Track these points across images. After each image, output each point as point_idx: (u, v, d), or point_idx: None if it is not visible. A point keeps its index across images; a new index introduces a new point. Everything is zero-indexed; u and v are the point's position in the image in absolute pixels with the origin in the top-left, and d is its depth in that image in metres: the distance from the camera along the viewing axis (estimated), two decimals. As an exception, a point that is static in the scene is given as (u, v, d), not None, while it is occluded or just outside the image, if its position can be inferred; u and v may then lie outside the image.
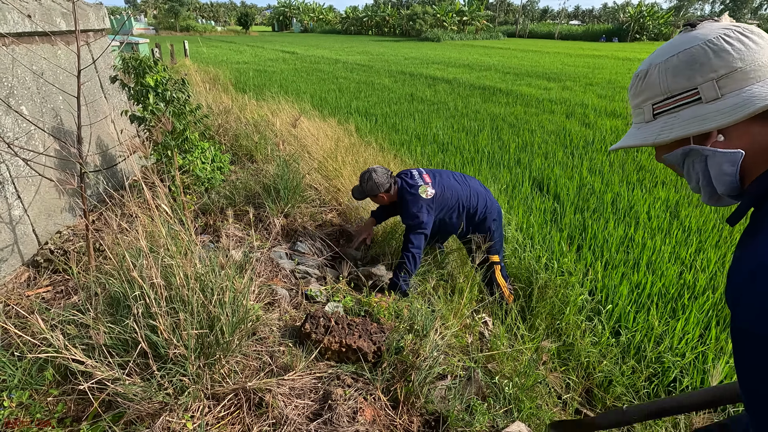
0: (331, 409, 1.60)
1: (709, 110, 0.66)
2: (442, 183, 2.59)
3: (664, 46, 0.72)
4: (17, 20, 2.40)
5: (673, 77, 0.69)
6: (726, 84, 0.64)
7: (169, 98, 2.79)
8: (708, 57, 0.65)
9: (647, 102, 0.73)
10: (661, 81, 0.70)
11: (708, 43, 0.66)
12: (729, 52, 0.64)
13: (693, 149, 0.69)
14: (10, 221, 2.31)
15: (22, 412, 1.49)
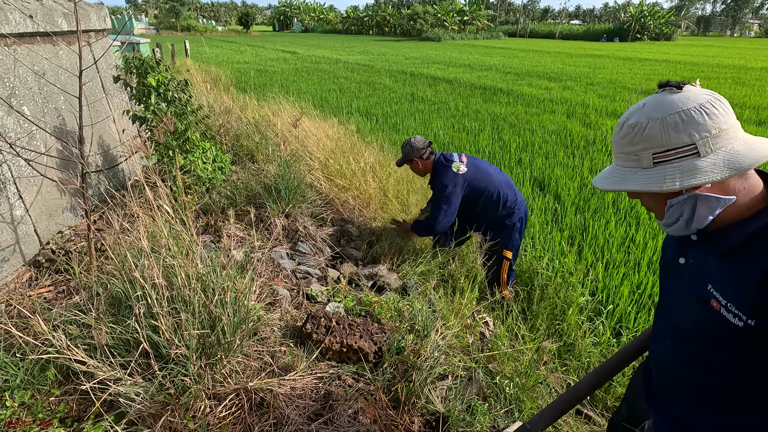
0: (332, 409, 1.61)
1: (706, 164, 0.78)
2: (476, 165, 2.68)
3: (657, 103, 0.82)
4: (19, 20, 2.40)
5: (675, 133, 0.79)
6: (717, 142, 0.78)
7: (171, 98, 2.79)
8: (704, 119, 0.78)
9: (647, 151, 0.83)
10: (663, 135, 0.80)
11: (702, 107, 0.78)
12: (717, 116, 0.78)
13: (702, 195, 0.81)
14: (12, 221, 2.31)
15: (24, 412, 1.49)
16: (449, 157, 2.69)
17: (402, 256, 2.96)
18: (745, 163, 0.77)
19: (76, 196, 2.81)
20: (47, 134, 2.55)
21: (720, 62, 17.29)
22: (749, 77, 12.58)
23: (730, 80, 11.90)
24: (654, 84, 11.13)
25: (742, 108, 8.12)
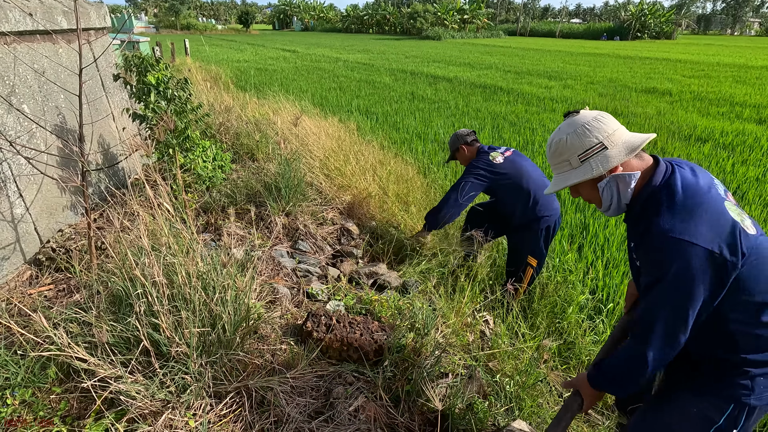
0: (333, 407, 1.61)
1: (613, 152, 1.16)
2: (514, 160, 2.65)
3: (568, 125, 1.21)
4: (19, 18, 2.40)
5: (587, 138, 1.17)
6: (614, 138, 1.16)
7: (171, 96, 2.79)
8: (600, 125, 1.17)
9: (573, 155, 1.20)
10: (579, 141, 1.18)
11: (596, 119, 1.18)
12: (608, 123, 1.18)
13: (619, 175, 1.18)
14: (12, 220, 2.31)
15: (25, 410, 1.49)
16: (493, 147, 2.70)
17: (402, 255, 2.96)
18: (636, 144, 1.15)
19: (77, 195, 2.81)
20: (47, 132, 2.55)
21: (720, 61, 17.27)
22: (749, 76, 12.56)
23: (731, 79, 11.88)
24: (654, 83, 11.12)
25: (743, 107, 8.11)
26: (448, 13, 45.15)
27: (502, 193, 2.65)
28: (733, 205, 1.11)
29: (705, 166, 4.93)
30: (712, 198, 1.09)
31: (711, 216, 1.05)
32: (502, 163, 2.60)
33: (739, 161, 5.10)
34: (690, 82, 11.13)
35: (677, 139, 6.10)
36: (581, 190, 1.25)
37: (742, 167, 4.85)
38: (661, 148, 5.65)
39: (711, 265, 1.03)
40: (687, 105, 8.42)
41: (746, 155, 5.32)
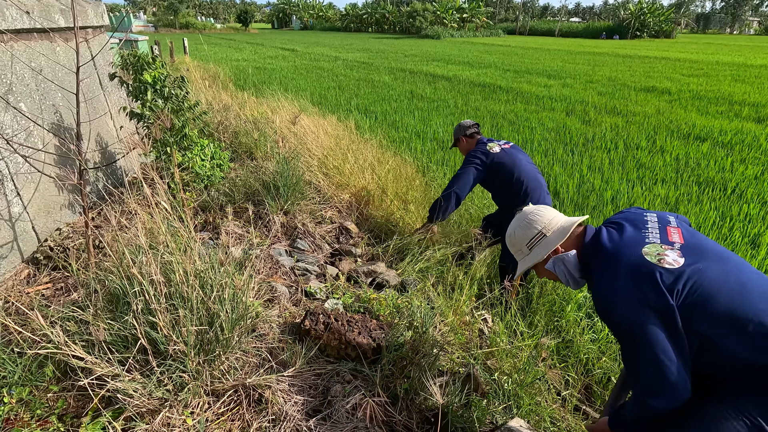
0: (331, 405, 1.61)
1: (550, 239, 1.36)
2: (510, 152, 2.71)
3: (515, 221, 1.46)
4: (15, 16, 2.39)
5: (529, 230, 1.40)
6: (549, 226, 1.36)
7: (168, 95, 2.78)
8: (537, 218, 1.39)
9: (522, 245, 1.42)
10: (524, 234, 1.41)
11: (533, 213, 1.41)
12: (544, 214, 1.40)
13: (558, 256, 1.36)
14: (10, 218, 2.31)
15: (23, 408, 1.49)
16: (492, 140, 2.78)
17: (402, 252, 2.96)
18: (567, 228, 1.35)
19: (74, 193, 2.81)
20: (45, 131, 2.54)
21: (719, 60, 17.27)
22: (748, 75, 12.57)
23: (730, 77, 11.89)
24: (653, 81, 11.11)
25: (741, 105, 8.11)
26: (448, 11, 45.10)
27: (498, 183, 2.70)
28: (657, 245, 1.17)
29: (704, 164, 4.93)
30: (632, 250, 1.18)
31: (632, 270, 1.14)
32: (498, 153, 2.67)
33: (738, 160, 5.10)
34: (689, 81, 11.13)
35: (676, 137, 6.10)
36: (542, 273, 1.44)
37: (741, 166, 4.86)
38: (661, 147, 5.66)
39: (649, 311, 1.09)
40: (686, 104, 8.42)
41: (745, 154, 5.32)
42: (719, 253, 1.15)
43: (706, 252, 1.15)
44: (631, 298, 1.11)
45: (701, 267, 1.10)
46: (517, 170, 2.63)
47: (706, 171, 4.74)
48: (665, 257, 1.13)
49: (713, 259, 1.12)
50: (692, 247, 1.16)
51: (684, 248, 1.15)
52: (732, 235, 3.37)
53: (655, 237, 1.20)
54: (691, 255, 1.13)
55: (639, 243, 1.19)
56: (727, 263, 1.12)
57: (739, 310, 1.05)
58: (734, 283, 1.08)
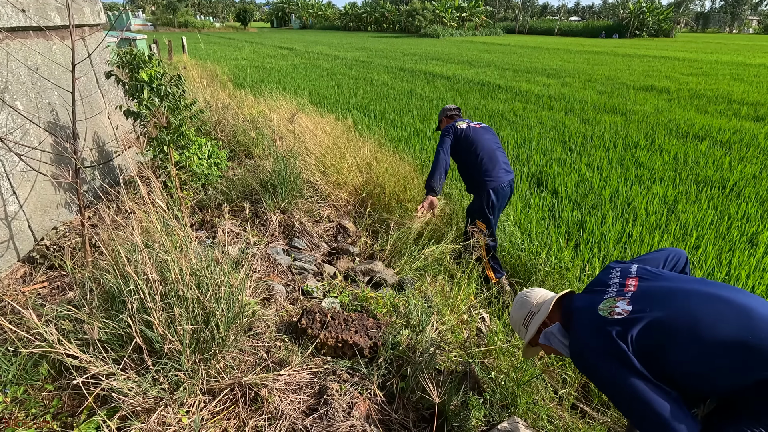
0: (327, 404, 1.60)
1: (539, 316, 1.49)
2: (476, 130, 3.04)
3: (513, 303, 1.63)
4: (11, 14, 2.38)
5: (521, 310, 1.56)
6: (539, 306, 1.51)
7: (164, 93, 2.77)
8: (527, 299, 1.56)
9: (520, 325, 1.56)
10: (519, 315, 1.56)
11: (523, 296, 1.59)
12: (532, 296, 1.56)
13: (545, 331, 1.43)
14: (6, 217, 2.30)
15: (17, 407, 1.49)
16: (465, 120, 3.15)
17: (400, 253, 2.96)
18: (548, 303, 1.48)
19: (71, 192, 2.80)
20: (41, 129, 2.53)
21: (718, 59, 17.27)
22: (747, 74, 12.57)
23: (729, 76, 11.89)
24: (652, 80, 11.11)
25: (740, 104, 8.11)
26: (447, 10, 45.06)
27: (461, 155, 3.00)
28: (611, 299, 1.28)
29: (702, 163, 4.93)
30: (590, 311, 1.29)
31: (590, 328, 1.26)
32: (464, 128, 3.02)
33: (737, 158, 5.10)
34: (688, 80, 11.13)
35: (675, 136, 6.10)
36: (547, 350, 1.50)
37: (740, 165, 4.86)
38: (659, 146, 5.65)
39: (613, 359, 1.16)
40: (685, 103, 8.42)
41: (743, 153, 5.32)
42: (667, 293, 1.22)
43: (654, 296, 1.22)
44: (596, 353, 1.21)
45: (648, 311, 1.18)
46: (478, 146, 2.91)
47: (705, 170, 4.74)
48: (615, 308, 1.24)
49: (660, 302, 1.20)
50: (642, 294, 1.25)
51: (634, 296, 1.25)
52: (730, 234, 3.37)
53: (612, 292, 1.32)
54: (640, 302, 1.22)
55: (597, 302, 1.31)
56: (673, 300, 1.18)
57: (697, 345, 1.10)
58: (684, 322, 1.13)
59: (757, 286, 2.74)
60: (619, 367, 1.15)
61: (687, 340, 1.10)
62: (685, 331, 1.11)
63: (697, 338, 1.09)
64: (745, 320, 1.07)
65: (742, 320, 1.08)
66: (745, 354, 1.05)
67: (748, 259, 3.01)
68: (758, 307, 1.10)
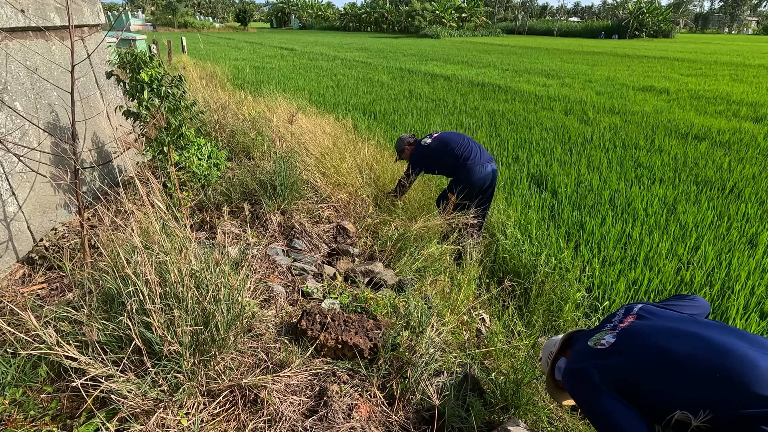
0: (327, 405, 1.60)
1: (555, 354, 1.58)
2: (441, 137, 3.35)
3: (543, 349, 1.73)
4: (10, 15, 2.37)
5: (545, 352, 1.66)
6: (555, 345, 1.62)
7: (164, 94, 2.76)
8: (550, 342, 1.66)
9: (546, 367, 1.63)
10: (545, 357, 1.65)
11: (550, 339, 1.66)
12: (554, 339, 1.65)
13: (558, 364, 1.52)
14: (5, 218, 2.29)
15: (16, 409, 1.48)
16: (422, 138, 3.44)
17: (399, 253, 2.95)
18: (557, 341, 1.61)
19: (70, 193, 2.79)
20: (40, 130, 2.52)
21: (718, 59, 17.29)
22: (747, 74, 12.58)
23: (728, 77, 11.90)
24: (652, 81, 11.12)
25: (740, 105, 8.12)
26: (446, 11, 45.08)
27: (441, 163, 3.30)
28: (603, 332, 1.39)
29: (702, 164, 4.94)
30: (584, 342, 1.41)
31: (579, 356, 1.39)
32: (430, 144, 3.32)
33: (736, 159, 5.11)
34: (687, 81, 11.14)
35: (674, 137, 6.11)
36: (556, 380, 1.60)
37: (739, 165, 4.86)
38: (659, 146, 5.66)
39: (586, 381, 1.29)
40: (684, 103, 8.42)
41: (743, 153, 5.32)
42: (651, 331, 1.29)
43: (639, 334, 1.31)
44: (576, 377, 1.35)
45: (626, 346, 1.29)
46: (449, 145, 3.24)
47: (704, 170, 4.74)
48: (601, 340, 1.36)
49: (639, 338, 1.29)
50: (631, 331, 1.34)
51: (622, 331, 1.35)
52: (730, 235, 3.37)
53: (609, 326, 1.41)
54: (625, 338, 1.32)
55: (592, 335, 1.42)
56: (651, 338, 1.27)
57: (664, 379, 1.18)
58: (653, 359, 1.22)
59: (756, 287, 2.74)
60: (590, 389, 1.28)
61: (654, 375, 1.21)
62: (652, 367, 1.21)
63: (662, 374, 1.19)
64: (716, 358, 1.12)
65: (713, 358, 1.13)
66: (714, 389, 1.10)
67: (747, 260, 3.01)
68: (739, 348, 1.13)
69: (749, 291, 2.70)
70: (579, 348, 1.44)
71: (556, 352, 1.58)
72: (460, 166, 3.20)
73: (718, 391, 1.08)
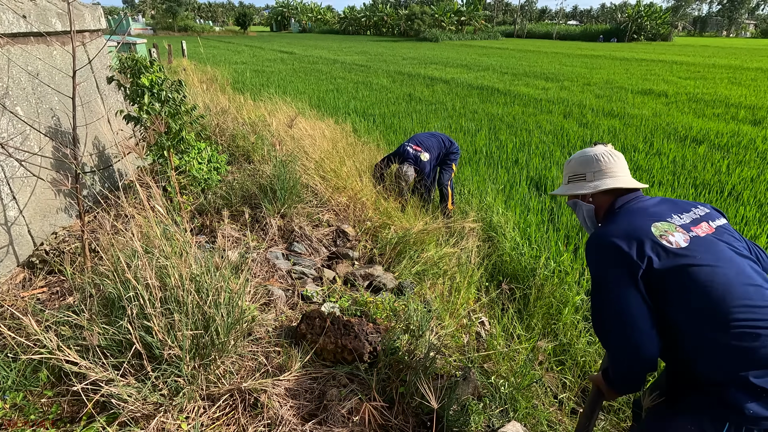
0: (327, 409, 1.60)
1: (587, 185, 1.42)
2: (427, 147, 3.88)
3: (580, 151, 1.48)
4: (12, 20, 2.39)
5: (578, 167, 1.46)
6: (598, 176, 1.40)
7: (165, 98, 2.78)
8: (592, 162, 1.42)
9: (568, 174, 1.50)
10: (575, 168, 1.47)
11: (595, 155, 1.42)
12: (600, 162, 1.41)
13: (576, 201, 1.48)
14: (6, 222, 2.30)
15: (17, 413, 1.48)
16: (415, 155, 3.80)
17: (399, 256, 2.96)
18: (604, 187, 1.37)
19: (70, 197, 2.80)
20: (41, 134, 2.53)
21: (716, 62, 17.36)
22: (745, 77, 12.63)
23: (726, 80, 11.95)
24: (650, 84, 11.16)
25: (738, 108, 8.15)
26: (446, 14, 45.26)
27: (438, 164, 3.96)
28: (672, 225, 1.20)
29: (700, 167, 4.95)
30: (644, 219, 1.24)
31: (629, 223, 1.23)
32: (429, 158, 3.80)
33: (734, 162, 5.12)
34: (686, 84, 11.18)
35: (673, 140, 6.12)
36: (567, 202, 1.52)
37: (738, 168, 4.87)
38: (657, 149, 5.67)
39: (618, 258, 1.17)
40: (683, 106, 8.45)
41: (741, 156, 5.34)
42: (726, 258, 1.14)
43: (714, 251, 1.15)
44: (608, 242, 1.20)
45: (696, 259, 1.13)
46: (434, 150, 3.85)
47: (703, 173, 4.75)
48: (670, 236, 1.17)
49: (715, 259, 1.13)
50: (706, 243, 1.17)
51: (696, 240, 1.17)
52: (728, 238, 3.38)
53: (679, 221, 1.23)
54: (698, 247, 1.15)
55: (656, 217, 1.23)
56: (730, 268, 1.11)
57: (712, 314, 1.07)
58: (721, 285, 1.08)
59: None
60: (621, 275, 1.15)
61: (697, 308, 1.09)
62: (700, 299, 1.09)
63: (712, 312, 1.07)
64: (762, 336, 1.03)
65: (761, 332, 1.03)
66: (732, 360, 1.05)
67: (746, 263, 3.01)
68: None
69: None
70: (635, 223, 1.22)
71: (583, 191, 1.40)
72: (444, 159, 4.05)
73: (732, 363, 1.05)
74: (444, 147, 3.94)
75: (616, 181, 1.37)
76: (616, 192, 1.38)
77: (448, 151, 3.97)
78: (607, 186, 1.36)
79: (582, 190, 1.41)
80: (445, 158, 3.98)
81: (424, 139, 3.93)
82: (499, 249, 3.27)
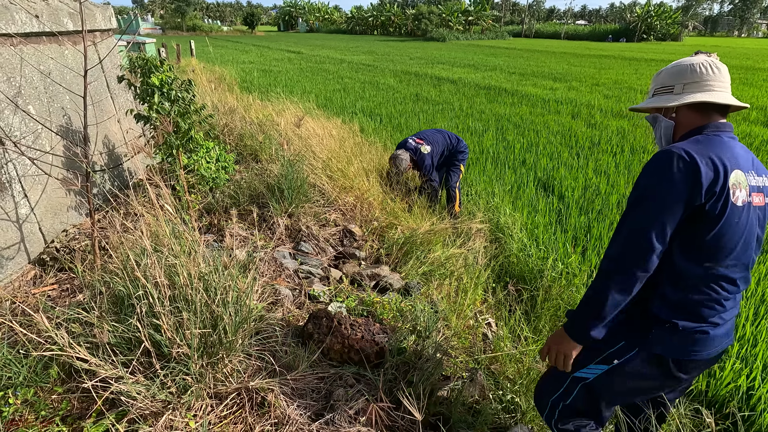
0: (333, 409, 1.61)
1: (672, 99, 1.23)
2: (432, 141, 3.86)
3: (677, 61, 1.28)
4: (25, 20, 2.42)
5: (668, 77, 1.27)
6: (687, 87, 1.22)
7: (174, 98, 2.80)
8: (686, 72, 1.23)
9: (654, 86, 1.32)
10: (661, 79, 1.30)
11: (692, 65, 1.23)
12: (696, 72, 1.21)
13: (656, 116, 1.31)
14: (17, 219, 2.33)
15: (27, 409, 1.50)
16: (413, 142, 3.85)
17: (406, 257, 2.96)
18: (692, 101, 1.18)
19: (81, 195, 2.83)
20: (52, 133, 2.56)
21: (727, 63, 17.14)
22: (757, 78, 12.46)
23: (738, 81, 11.79)
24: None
25: (750, 108, 8.04)
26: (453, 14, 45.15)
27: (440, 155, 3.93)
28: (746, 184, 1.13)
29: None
30: (729, 161, 1.11)
31: (718, 155, 1.10)
32: (413, 145, 3.81)
33: (746, 164, 5.05)
34: (696, 84, 11.04)
35: (683, 141, 6.06)
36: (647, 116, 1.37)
37: (749, 170, 4.81)
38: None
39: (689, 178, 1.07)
40: (693, 107, 8.35)
41: (753, 158, 5.26)
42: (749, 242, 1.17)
43: (750, 227, 1.16)
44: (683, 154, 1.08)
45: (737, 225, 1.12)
46: (438, 145, 3.86)
47: (714, 175, 4.69)
48: (737, 191, 1.10)
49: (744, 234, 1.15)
50: (753, 215, 1.16)
51: (748, 207, 1.14)
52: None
53: (752, 180, 1.16)
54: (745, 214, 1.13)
55: (740, 164, 1.13)
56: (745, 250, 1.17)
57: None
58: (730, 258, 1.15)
59: (767, 293, 2.70)
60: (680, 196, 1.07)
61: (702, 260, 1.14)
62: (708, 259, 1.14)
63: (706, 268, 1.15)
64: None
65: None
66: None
67: (758, 266, 2.97)
68: None
69: (760, 297, 2.67)
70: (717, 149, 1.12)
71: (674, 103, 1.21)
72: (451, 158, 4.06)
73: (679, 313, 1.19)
74: (450, 144, 3.93)
75: (708, 95, 1.16)
76: (707, 110, 1.19)
77: (456, 150, 3.95)
78: (696, 99, 1.16)
79: (665, 103, 1.22)
80: (453, 158, 3.95)
81: (428, 134, 3.94)
82: (506, 250, 3.26)
